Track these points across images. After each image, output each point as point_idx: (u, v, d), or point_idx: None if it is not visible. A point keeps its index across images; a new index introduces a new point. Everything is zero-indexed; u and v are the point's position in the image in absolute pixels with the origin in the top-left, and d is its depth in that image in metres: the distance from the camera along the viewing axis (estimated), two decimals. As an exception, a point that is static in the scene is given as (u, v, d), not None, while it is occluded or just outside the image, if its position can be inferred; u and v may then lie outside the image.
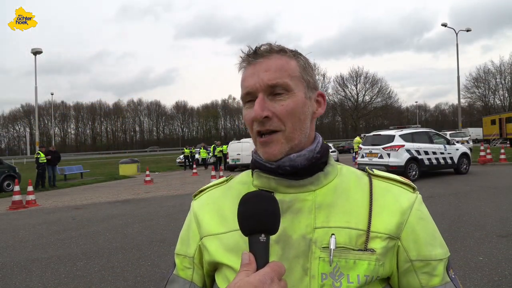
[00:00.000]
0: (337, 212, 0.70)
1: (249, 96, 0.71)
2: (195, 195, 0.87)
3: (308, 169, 0.72)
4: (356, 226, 0.68)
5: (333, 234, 0.67)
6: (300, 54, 0.75)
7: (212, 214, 0.79)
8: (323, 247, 0.67)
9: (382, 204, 0.71)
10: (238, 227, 0.64)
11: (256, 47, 0.73)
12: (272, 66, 0.70)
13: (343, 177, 0.76)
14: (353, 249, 0.66)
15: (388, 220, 0.69)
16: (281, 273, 0.52)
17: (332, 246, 0.66)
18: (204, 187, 0.87)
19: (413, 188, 0.75)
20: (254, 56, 0.72)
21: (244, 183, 0.80)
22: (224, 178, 0.86)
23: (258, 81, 0.69)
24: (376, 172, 0.78)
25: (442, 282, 0.70)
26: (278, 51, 0.72)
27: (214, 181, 0.87)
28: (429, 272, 0.70)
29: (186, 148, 24.80)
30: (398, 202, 0.72)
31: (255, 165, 0.76)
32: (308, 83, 0.73)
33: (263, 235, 0.55)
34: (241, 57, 0.74)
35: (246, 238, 0.56)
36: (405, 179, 0.77)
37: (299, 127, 0.71)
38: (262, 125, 0.69)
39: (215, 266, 0.75)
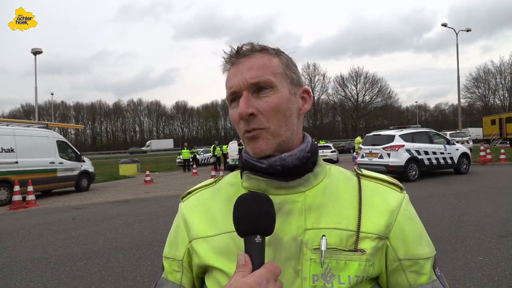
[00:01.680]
0: (327, 213, 0.70)
1: (234, 95, 0.72)
2: (183, 197, 0.86)
3: (298, 169, 0.72)
4: (346, 227, 0.69)
5: (324, 235, 0.67)
6: (283, 52, 0.75)
7: (201, 216, 0.78)
8: (314, 249, 0.67)
9: (371, 204, 0.72)
10: (228, 230, 0.64)
11: (238, 47, 0.73)
12: (255, 64, 0.70)
13: (332, 177, 0.76)
14: (344, 250, 0.67)
15: (377, 220, 0.70)
16: (277, 273, 0.52)
17: (323, 248, 0.66)
18: (192, 188, 0.86)
19: (401, 188, 0.76)
20: (236, 56, 0.72)
21: (233, 184, 0.79)
22: (212, 180, 0.86)
23: (241, 80, 0.69)
24: (365, 172, 0.79)
25: (429, 280, 0.71)
26: (260, 49, 0.72)
27: (202, 183, 0.86)
28: (417, 271, 0.71)
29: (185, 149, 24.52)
30: (387, 202, 0.72)
31: (246, 164, 0.75)
32: (292, 79, 0.74)
33: (258, 236, 0.55)
34: (224, 58, 0.74)
35: (237, 241, 0.57)
36: (392, 178, 0.78)
37: (284, 123, 0.71)
38: (248, 123, 0.69)
39: (205, 269, 0.74)
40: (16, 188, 10.37)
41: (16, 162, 11.14)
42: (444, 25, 28.08)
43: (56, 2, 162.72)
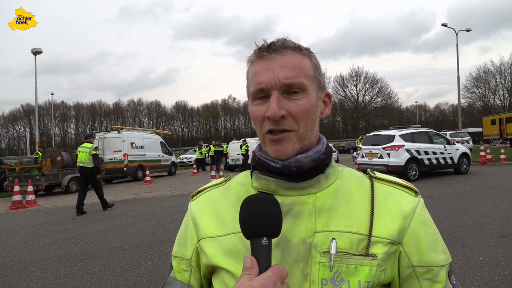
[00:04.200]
0: (338, 216, 0.68)
1: (261, 93, 0.68)
2: (193, 196, 0.85)
3: (311, 171, 0.71)
4: (357, 230, 0.67)
5: (333, 238, 0.66)
6: (312, 53, 0.73)
7: (210, 216, 0.77)
8: (323, 252, 0.65)
9: (384, 208, 0.70)
10: (236, 230, 0.63)
11: (271, 41, 0.70)
12: (289, 64, 0.67)
13: (344, 179, 0.74)
14: (354, 254, 0.65)
15: (390, 224, 0.68)
16: (284, 276, 0.51)
17: (333, 251, 0.64)
18: (202, 187, 0.86)
19: (415, 192, 0.74)
20: (268, 51, 0.68)
21: (242, 184, 0.79)
22: (222, 179, 0.85)
23: (273, 78, 0.66)
24: (378, 174, 0.77)
25: None
26: (293, 47, 0.69)
27: (212, 182, 0.86)
28: (431, 278, 0.69)
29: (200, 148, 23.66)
30: (400, 206, 0.70)
31: (259, 163, 0.73)
32: (319, 83, 0.72)
33: (265, 239, 0.54)
34: (254, 50, 0.71)
35: (245, 242, 0.56)
36: (407, 182, 0.76)
37: (311, 127, 0.70)
38: (277, 124, 0.67)
39: (212, 269, 0.74)
40: (16, 188, 10.38)
41: (144, 155, 17.84)
42: (444, 25, 28.09)
43: (56, 2, 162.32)
